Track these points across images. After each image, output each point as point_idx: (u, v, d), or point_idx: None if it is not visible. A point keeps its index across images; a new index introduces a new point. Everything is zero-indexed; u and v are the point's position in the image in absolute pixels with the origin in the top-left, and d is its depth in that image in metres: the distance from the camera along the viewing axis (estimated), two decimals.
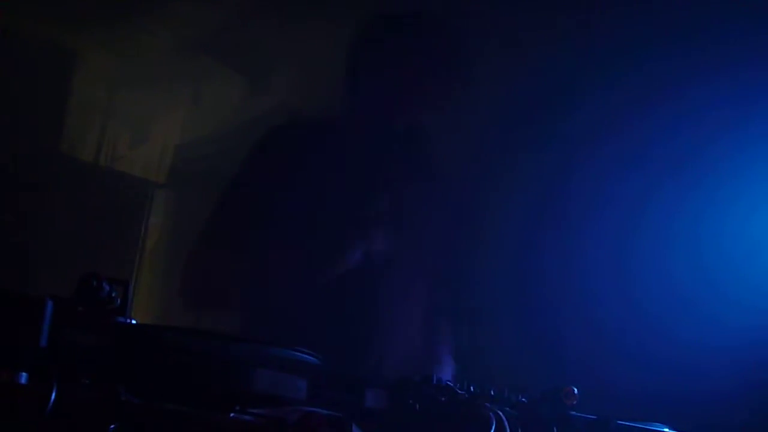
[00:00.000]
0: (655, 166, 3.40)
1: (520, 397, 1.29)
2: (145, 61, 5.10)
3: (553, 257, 3.60)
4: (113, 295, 0.83)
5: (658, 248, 3.29)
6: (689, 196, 3.29)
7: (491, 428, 1.13)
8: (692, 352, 3.00)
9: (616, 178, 3.50)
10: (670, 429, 1.38)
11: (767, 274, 3.06)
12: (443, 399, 1.13)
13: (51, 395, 0.69)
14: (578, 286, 3.47)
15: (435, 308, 2.01)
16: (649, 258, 3.29)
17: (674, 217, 3.29)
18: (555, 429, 1.28)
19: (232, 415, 0.83)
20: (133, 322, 0.83)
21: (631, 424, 1.32)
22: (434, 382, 1.20)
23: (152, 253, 4.75)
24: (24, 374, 0.70)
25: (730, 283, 3.06)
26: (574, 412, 1.32)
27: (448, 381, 1.20)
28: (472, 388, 1.22)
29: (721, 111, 3.21)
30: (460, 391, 1.15)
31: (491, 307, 3.67)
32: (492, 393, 1.25)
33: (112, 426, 0.74)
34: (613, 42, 3.44)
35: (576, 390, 1.33)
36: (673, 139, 3.37)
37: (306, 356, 0.99)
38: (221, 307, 1.77)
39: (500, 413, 1.16)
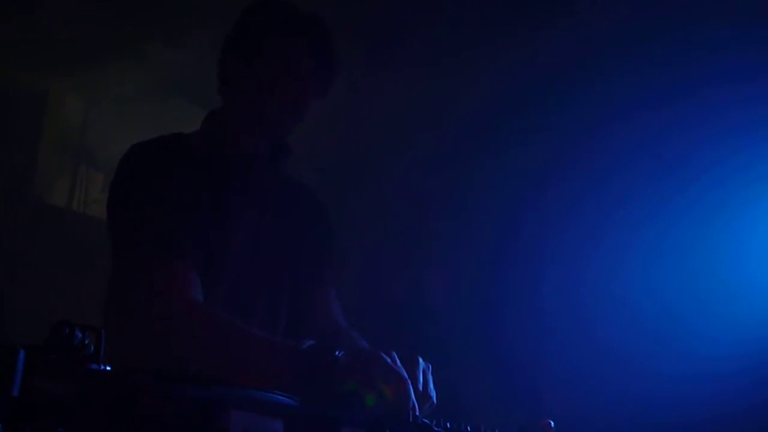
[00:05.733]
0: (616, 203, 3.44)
1: (496, 431, 1.30)
2: (117, 104, 5.10)
3: (527, 291, 3.61)
4: (86, 342, 0.83)
5: (624, 282, 3.32)
6: (645, 236, 3.33)
7: None
8: (665, 382, 3.03)
9: (587, 215, 3.54)
10: None
11: (736, 308, 3.10)
12: None
13: None
14: (549, 322, 3.48)
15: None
16: (616, 292, 3.32)
17: (634, 252, 3.32)
18: None
19: None
20: (107, 368, 0.82)
21: None
22: (411, 420, 1.20)
23: None
24: None
25: (699, 317, 3.10)
26: None
27: (425, 419, 1.20)
28: (448, 425, 1.22)
29: (710, 122, 3.25)
30: (436, 429, 1.16)
31: (465, 342, 3.67)
32: (468, 429, 1.25)
33: None
34: (602, 49, 3.47)
35: (552, 423, 1.34)
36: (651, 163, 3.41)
37: (281, 398, 0.99)
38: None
39: None
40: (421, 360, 1.44)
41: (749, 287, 3.14)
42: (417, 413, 1.31)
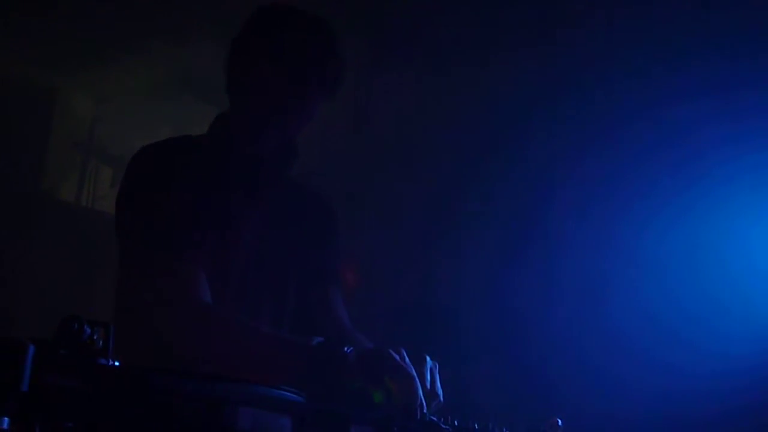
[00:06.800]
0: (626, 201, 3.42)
1: (504, 430, 1.29)
2: (126, 100, 5.11)
3: (537, 289, 3.61)
4: (95, 337, 0.83)
5: (636, 278, 3.31)
6: (658, 233, 3.32)
7: None
8: (673, 379, 3.02)
9: (597, 212, 3.53)
10: None
11: (744, 302, 3.09)
12: None
13: None
14: (560, 318, 3.48)
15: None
16: (628, 288, 3.31)
17: (646, 247, 3.31)
18: None
19: None
20: (116, 363, 0.82)
21: None
22: (419, 418, 1.20)
23: None
24: (6, 419, 0.70)
25: (712, 314, 3.09)
26: None
27: (433, 416, 1.20)
28: (456, 423, 1.22)
29: (714, 126, 3.24)
30: (444, 426, 1.15)
31: (475, 340, 3.67)
32: (476, 427, 1.25)
33: None
34: (616, 51, 3.46)
35: (561, 422, 1.33)
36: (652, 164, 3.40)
37: (290, 394, 0.99)
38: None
39: None
40: (428, 358, 1.44)
41: (762, 284, 3.13)
42: (425, 411, 1.31)
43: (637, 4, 3.33)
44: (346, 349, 1.38)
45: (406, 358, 1.38)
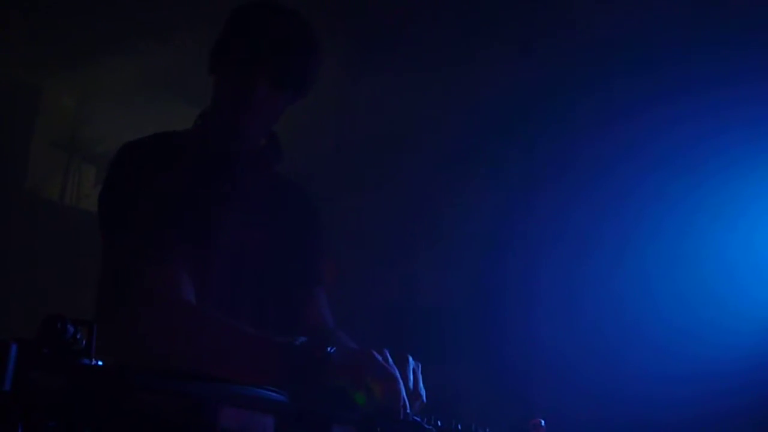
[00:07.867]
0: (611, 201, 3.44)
1: (487, 430, 1.30)
2: (110, 99, 5.09)
3: (519, 290, 3.62)
4: (78, 336, 0.83)
5: (618, 281, 3.33)
6: (638, 238, 3.33)
7: None
8: (655, 382, 3.04)
9: (581, 219, 3.54)
10: None
11: (725, 310, 3.11)
12: None
13: None
14: (543, 319, 3.49)
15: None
16: (610, 291, 3.33)
17: (624, 254, 3.33)
18: None
19: None
20: (99, 363, 0.82)
21: None
22: (402, 418, 1.21)
23: None
24: None
25: (689, 319, 3.11)
26: None
27: (416, 416, 1.21)
28: (439, 423, 1.23)
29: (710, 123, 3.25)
30: (427, 426, 1.16)
31: (458, 341, 3.68)
32: (459, 427, 1.25)
33: None
34: (598, 52, 3.46)
35: (543, 422, 1.34)
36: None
37: (272, 394, 0.99)
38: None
39: None
40: (410, 358, 1.44)
41: (738, 291, 3.16)
42: (408, 411, 1.31)
43: (617, 6, 3.34)
44: (329, 349, 1.38)
45: (389, 359, 1.38)
